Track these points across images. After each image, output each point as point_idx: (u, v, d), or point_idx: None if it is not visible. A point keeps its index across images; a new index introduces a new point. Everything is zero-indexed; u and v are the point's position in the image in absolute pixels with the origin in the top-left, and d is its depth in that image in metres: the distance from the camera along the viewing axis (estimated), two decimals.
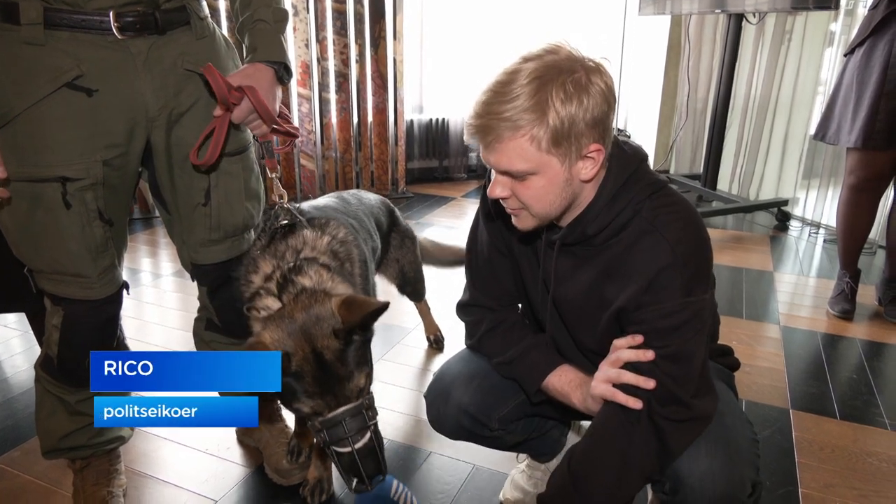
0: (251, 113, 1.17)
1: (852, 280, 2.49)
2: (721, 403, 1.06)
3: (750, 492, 1.03)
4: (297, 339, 1.05)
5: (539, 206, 0.98)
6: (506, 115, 0.90)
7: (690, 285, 0.97)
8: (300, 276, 1.17)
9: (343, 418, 1.06)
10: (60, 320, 1.24)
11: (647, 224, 0.99)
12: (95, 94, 1.12)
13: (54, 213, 1.13)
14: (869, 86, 2.20)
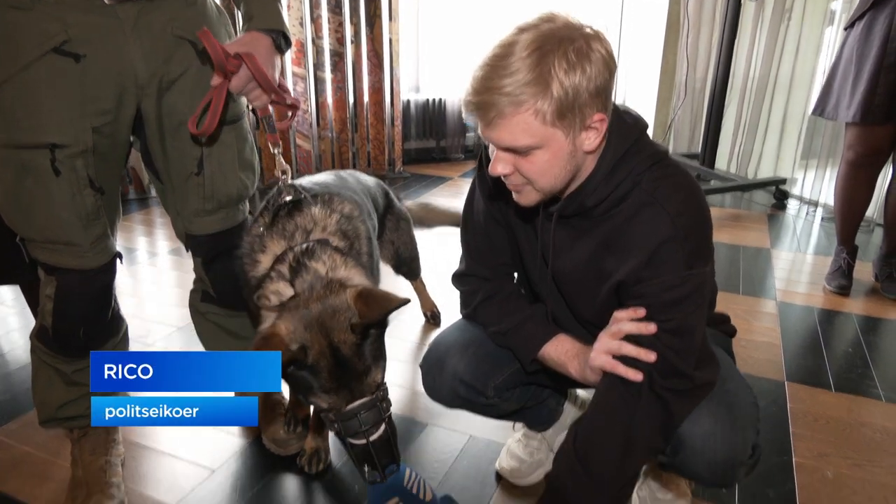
0: (250, 82, 1.14)
1: (849, 256, 2.49)
2: (722, 369, 1.07)
3: (750, 454, 1.04)
4: (313, 332, 1.02)
5: (544, 180, 0.96)
6: (507, 90, 0.87)
7: (691, 259, 0.96)
8: (314, 261, 1.13)
9: (359, 412, 1.04)
10: (54, 290, 1.24)
11: (647, 196, 0.98)
12: (83, 59, 1.11)
13: (44, 181, 1.12)
14: (868, 59, 2.19)
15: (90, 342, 1.31)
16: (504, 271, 1.25)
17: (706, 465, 1.02)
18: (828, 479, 1.47)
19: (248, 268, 1.21)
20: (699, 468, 1.03)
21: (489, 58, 0.90)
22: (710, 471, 1.03)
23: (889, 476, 1.48)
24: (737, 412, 1.03)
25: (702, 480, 1.07)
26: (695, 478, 1.08)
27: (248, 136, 1.37)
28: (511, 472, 1.46)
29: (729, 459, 1.01)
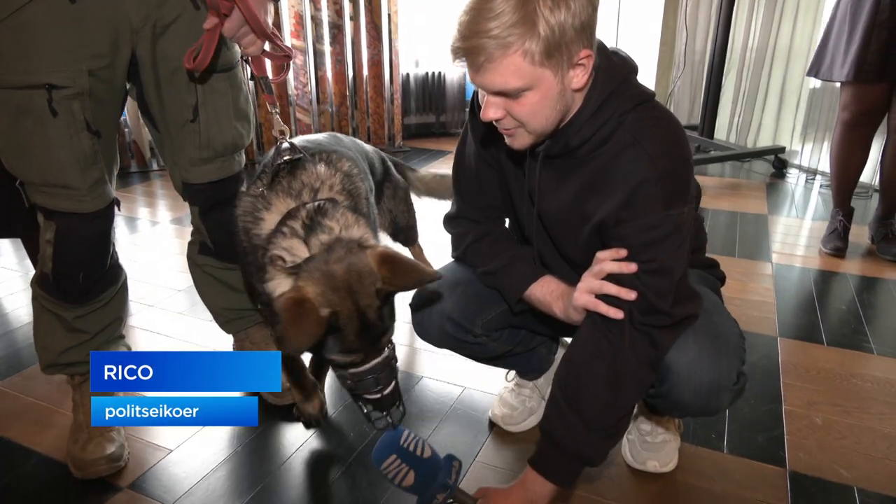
0: (243, 26, 1.13)
1: (845, 218, 2.50)
2: (708, 303, 1.09)
3: (735, 381, 1.07)
4: (341, 296, 0.99)
5: (535, 121, 0.96)
6: (494, 33, 0.86)
7: (670, 199, 0.97)
8: (327, 219, 1.09)
9: (375, 371, 1.05)
10: (53, 234, 1.26)
11: (629, 136, 0.99)
12: (78, 1, 1.12)
13: (41, 122, 1.14)
14: (861, 17, 2.18)
15: (90, 288, 1.34)
16: (494, 214, 1.26)
17: (692, 390, 1.04)
18: (817, 425, 1.49)
19: (248, 226, 1.18)
20: (685, 394, 1.05)
21: (474, 1, 0.89)
22: (695, 396, 1.05)
23: (877, 421, 1.50)
24: (721, 340, 1.05)
25: (688, 408, 1.09)
26: (681, 406, 1.09)
27: (243, 87, 1.38)
28: (503, 418, 1.48)
29: (714, 384, 1.04)
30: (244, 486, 1.33)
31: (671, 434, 1.37)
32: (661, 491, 1.31)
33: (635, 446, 1.36)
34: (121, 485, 1.33)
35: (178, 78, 1.25)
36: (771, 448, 1.41)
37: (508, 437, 1.47)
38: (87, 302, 1.36)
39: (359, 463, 1.39)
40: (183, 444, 1.44)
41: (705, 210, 3.00)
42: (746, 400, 1.57)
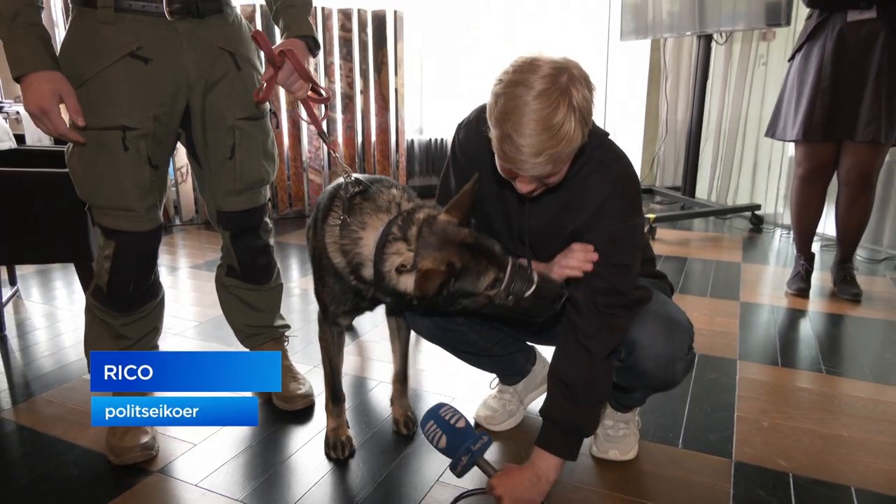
0: (292, 75, 1.41)
1: (807, 262, 2.74)
2: (661, 296, 1.38)
3: (686, 352, 1.32)
4: (444, 249, 1.20)
5: (552, 182, 1.18)
6: (551, 152, 1.05)
7: (627, 210, 1.26)
8: (417, 214, 1.28)
9: (516, 272, 1.22)
10: (112, 251, 1.52)
11: (596, 166, 1.27)
12: (150, 62, 1.44)
13: (114, 156, 1.43)
14: (807, 85, 2.50)
15: (137, 299, 1.59)
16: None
17: (653, 357, 1.28)
18: (763, 428, 1.69)
19: (347, 247, 1.32)
20: (648, 362, 1.29)
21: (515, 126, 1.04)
22: (655, 363, 1.29)
23: (816, 425, 1.69)
24: (674, 321, 1.32)
25: (649, 376, 1.32)
26: (644, 374, 1.32)
27: (270, 133, 1.68)
28: (486, 418, 1.69)
29: (670, 353, 1.29)
30: (257, 471, 1.53)
31: (631, 429, 1.57)
32: (621, 476, 1.50)
33: (599, 439, 1.56)
34: (152, 469, 1.53)
35: (221, 124, 1.56)
36: (721, 444, 1.61)
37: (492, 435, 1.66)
38: (133, 311, 1.61)
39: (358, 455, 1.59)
40: (205, 440, 1.65)
41: (686, 259, 3.25)
42: (703, 409, 1.77)
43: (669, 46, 4.46)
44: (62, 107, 1.37)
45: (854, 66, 2.39)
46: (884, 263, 3.19)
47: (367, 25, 4.20)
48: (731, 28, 3.54)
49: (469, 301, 1.24)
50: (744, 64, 4.07)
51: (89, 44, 1.40)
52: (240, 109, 1.57)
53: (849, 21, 2.39)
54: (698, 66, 3.87)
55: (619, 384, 1.41)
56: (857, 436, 1.64)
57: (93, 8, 1.39)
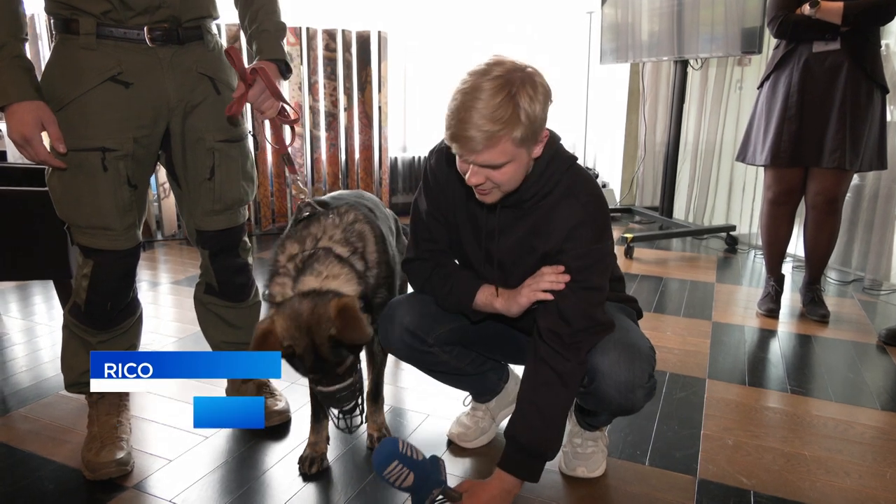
0: (263, 92, 1.48)
1: (777, 283, 2.82)
2: (626, 322, 1.43)
3: (646, 381, 1.35)
4: (301, 333, 1.28)
5: (509, 184, 1.24)
6: (488, 129, 1.12)
7: (597, 234, 1.31)
8: (317, 264, 1.37)
9: (338, 393, 1.34)
10: (90, 269, 1.54)
11: (566, 190, 1.32)
12: (131, 86, 1.47)
13: (94, 176, 1.46)
14: (775, 112, 2.59)
15: (115, 316, 1.62)
16: (441, 252, 1.53)
17: (614, 385, 1.32)
18: (728, 445, 1.73)
19: (271, 268, 1.44)
20: (609, 389, 1.32)
21: (467, 101, 1.13)
22: (616, 391, 1.32)
23: (779, 443, 1.75)
24: (635, 349, 1.35)
25: (611, 402, 1.35)
26: (606, 400, 1.35)
27: (250, 154, 1.72)
28: (458, 436, 1.72)
29: (630, 381, 1.32)
30: (232, 486, 1.55)
31: (599, 447, 1.61)
32: (588, 492, 1.54)
33: (568, 456, 1.60)
34: (127, 485, 1.55)
35: (201, 146, 1.59)
36: (686, 462, 1.65)
37: (463, 452, 1.70)
38: (111, 328, 1.63)
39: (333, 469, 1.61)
40: (181, 456, 1.67)
41: (663, 278, 3.32)
42: (670, 426, 1.82)
43: (648, 70, 4.57)
44: (45, 134, 1.41)
45: (819, 96, 2.48)
46: (852, 285, 3.28)
47: (351, 45, 4.27)
48: (709, 54, 3.65)
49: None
50: (719, 88, 4.18)
51: (70, 69, 1.44)
52: (219, 132, 1.61)
53: (814, 52, 2.48)
54: (675, 89, 3.98)
55: (583, 407, 1.45)
56: (818, 454, 1.70)
57: (75, 35, 1.43)
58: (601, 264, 1.33)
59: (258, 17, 1.56)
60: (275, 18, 1.58)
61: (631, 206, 4.69)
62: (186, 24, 1.53)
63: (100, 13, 1.42)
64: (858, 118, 2.44)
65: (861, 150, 2.47)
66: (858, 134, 2.45)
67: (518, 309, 1.35)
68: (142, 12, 1.45)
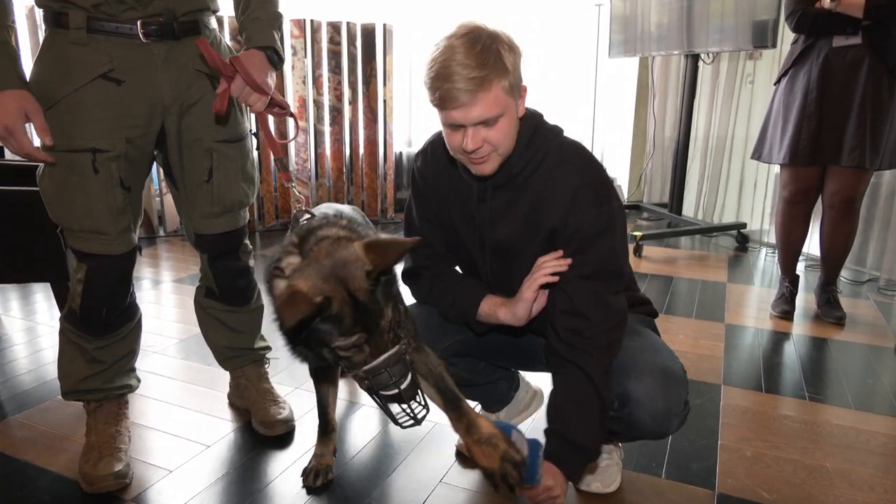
0: (246, 87, 1.38)
1: (791, 284, 2.75)
2: (655, 342, 1.36)
3: (682, 408, 1.29)
4: (331, 283, 1.02)
5: (506, 142, 1.20)
6: (482, 74, 1.10)
7: (600, 196, 1.24)
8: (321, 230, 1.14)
9: (387, 366, 1.07)
10: (84, 274, 1.49)
11: (557, 159, 1.27)
12: (123, 84, 1.41)
13: (85, 178, 1.40)
14: (793, 109, 2.51)
15: (112, 322, 1.56)
16: (440, 258, 1.48)
17: (650, 413, 1.25)
18: (746, 457, 1.68)
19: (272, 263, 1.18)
20: (644, 417, 1.25)
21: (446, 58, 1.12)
22: (651, 418, 1.25)
23: (799, 454, 1.69)
24: (670, 374, 1.28)
25: (644, 429, 1.28)
26: (638, 426, 1.28)
27: (250, 154, 1.66)
28: None
29: (667, 410, 1.25)
30: (234, 499, 1.50)
31: (613, 459, 1.55)
32: None
33: None
34: (126, 497, 1.50)
35: (198, 146, 1.53)
36: (704, 475, 1.59)
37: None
38: (108, 335, 1.57)
39: (337, 484, 1.56)
40: (181, 466, 1.62)
41: (672, 278, 3.26)
42: (686, 435, 1.76)
43: (657, 64, 4.49)
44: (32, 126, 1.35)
45: (839, 92, 2.40)
46: (867, 285, 3.21)
47: (356, 39, 4.19)
48: (718, 49, 3.56)
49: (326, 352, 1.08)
50: (731, 82, 4.10)
51: (60, 65, 1.38)
52: (217, 132, 1.54)
53: (834, 46, 2.40)
54: (686, 84, 3.89)
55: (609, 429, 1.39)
56: (840, 466, 1.64)
57: (65, 29, 1.36)
58: (612, 229, 1.25)
59: (251, 6, 1.48)
60: (269, 7, 1.49)
61: (639, 203, 4.62)
62: (183, 17, 1.46)
63: (90, 6, 1.35)
64: (879, 115, 2.37)
65: (881, 148, 2.40)
66: (879, 132, 2.38)
67: (524, 308, 1.29)
68: (135, 5, 1.38)
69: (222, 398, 1.95)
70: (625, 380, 1.26)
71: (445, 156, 1.35)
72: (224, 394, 1.95)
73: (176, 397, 1.97)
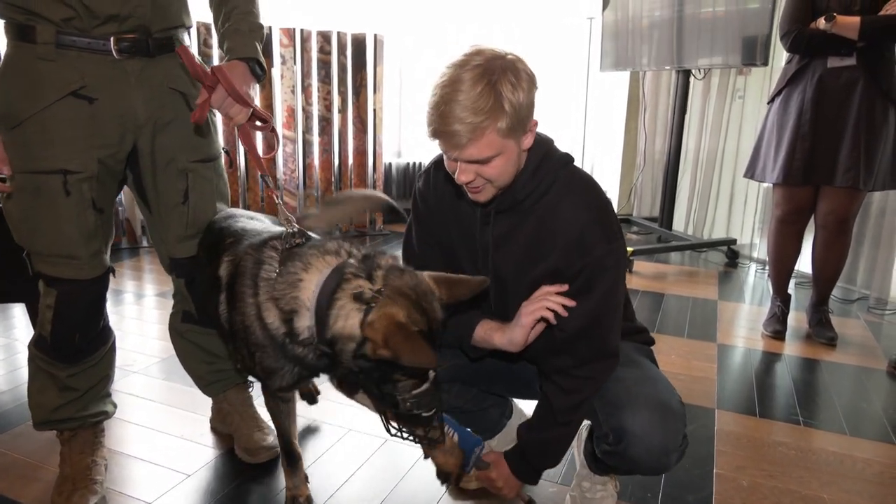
0: (226, 98, 1.32)
1: (783, 304, 2.73)
2: (653, 373, 1.32)
3: (680, 443, 1.24)
4: (420, 314, 1.06)
5: (501, 178, 1.16)
6: (471, 121, 1.06)
7: (608, 233, 1.21)
8: (378, 258, 1.15)
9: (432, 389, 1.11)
10: (54, 300, 1.41)
11: (565, 188, 1.23)
12: (95, 102, 1.35)
13: (55, 201, 1.34)
14: (787, 129, 2.50)
15: (84, 348, 1.49)
16: None
17: (646, 449, 1.20)
18: (742, 487, 1.64)
19: (281, 292, 1.16)
20: (640, 453, 1.21)
21: (447, 94, 1.08)
22: (648, 454, 1.21)
23: (797, 484, 1.66)
24: (667, 407, 1.23)
25: (640, 465, 1.24)
26: (634, 462, 1.23)
27: (223, 174, 1.61)
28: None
29: (664, 445, 1.21)
30: None
31: (608, 491, 1.51)
32: None
33: (577, 502, 1.50)
34: None
35: (172, 167, 1.47)
36: None
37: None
38: (80, 361, 1.50)
39: None
40: (160, 498, 1.55)
41: (663, 295, 3.23)
42: (681, 464, 1.71)
43: (648, 78, 4.48)
44: None
45: (834, 113, 2.39)
46: (857, 304, 3.20)
47: (346, 48, 4.14)
48: (709, 65, 3.56)
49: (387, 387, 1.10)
50: (721, 97, 4.10)
51: (27, 82, 1.31)
52: (192, 151, 1.49)
53: (829, 67, 2.39)
54: (676, 98, 3.88)
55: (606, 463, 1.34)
56: (837, 497, 1.61)
57: (31, 43, 1.30)
58: (617, 269, 1.23)
59: (231, 17, 1.43)
60: (250, 19, 1.44)
61: (629, 217, 4.60)
62: (157, 34, 1.40)
63: (60, 20, 1.29)
64: (873, 137, 2.36)
65: (875, 169, 2.39)
66: (873, 153, 2.37)
67: (522, 334, 1.24)
68: (108, 21, 1.32)
69: (204, 422, 1.88)
70: (620, 413, 1.22)
71: (448, 178, 1.31)
72: (207, 417, 1.89)
73: (156, 422, 1.90)
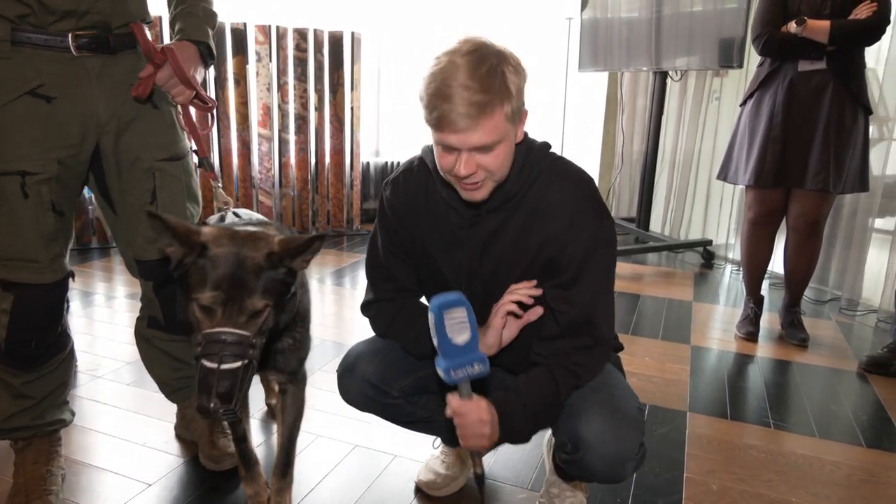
0: (172, 77, 1.33)
1: (756, 305, 2.75)
2: (614, 379, 1.29)
3: (636, 451, 1.22)
4: (228, 238, 1.05)
5: (501, 170, 1.14)
6: (486, 99, 1.03)
7: (598, 211, 1.21)
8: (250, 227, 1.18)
9: (226, 338, 1.00)
10: (10, 305, 1.36)
11: (550, 174, 1.22)
12: (54, 101, 1.30)
13: (12, 203, 1.29)
14: (758, 132, 2.51)
15: (41, 354, 1.44)
16: (404, 294, 1.41)
17: (601, 458, 1.18)
18: (712, 491, 1.64)
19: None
20: (595, 462, 1.19)
21: (449, 77, 1.03)
22: (603, 463, 1.19)
23: (766, 488, 1.66)
24: (623, 415, 1.21)
25: (596, 474, 1.22)
26: (591, 471, 1.21)
27: (194, 173, 1.56)
28: (427, 484, 1.59)
29: (619, 454, 1.18)
30: None
31: (577, 497, 1.49)
32: None
33: None
34: None
35: (138, 166, 1.43)
36: None
37: (432, 501, 1.57)
38: (36, 368, 1.45)
39: None
40: None
41: (639, 296, 3.24)
42: (652, 468, 1.71)
43: (626, 79, 4.49)
44: None
45: (804, 116, 2.41)
46: (829, 304, 3.24)
47: (323, 46, 4.10)
48: (686, 67, 3.57)
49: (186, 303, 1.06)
50: (698, 99, 4.12)
51: None
52: (158, 150, 1.45)
53: (800, 71, 2.41)
54: (654, 99, 3.90)
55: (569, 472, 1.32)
56: (805, 501, 1.61)
57: None
58: (610, 247, 1.22)
59: (186, 1, 1.42)
60: (205, 4, 1.43)
61: None
62: (118, 30, 1.36)
63: (15, 17, 1.25)
64: (843, 140, 2.38)
65: (844, 172, 2.41)
66: (843, 156, 2.39)
67: (494, 336, 1.23)
68: (64, 17, 1.28)
69: (170, 429, 1.84)
70: (577, 421, 1.20)
71: (423, 184, 1.29)
72: (172, 424, 1.84)
73: (119, 429, 1.85)
